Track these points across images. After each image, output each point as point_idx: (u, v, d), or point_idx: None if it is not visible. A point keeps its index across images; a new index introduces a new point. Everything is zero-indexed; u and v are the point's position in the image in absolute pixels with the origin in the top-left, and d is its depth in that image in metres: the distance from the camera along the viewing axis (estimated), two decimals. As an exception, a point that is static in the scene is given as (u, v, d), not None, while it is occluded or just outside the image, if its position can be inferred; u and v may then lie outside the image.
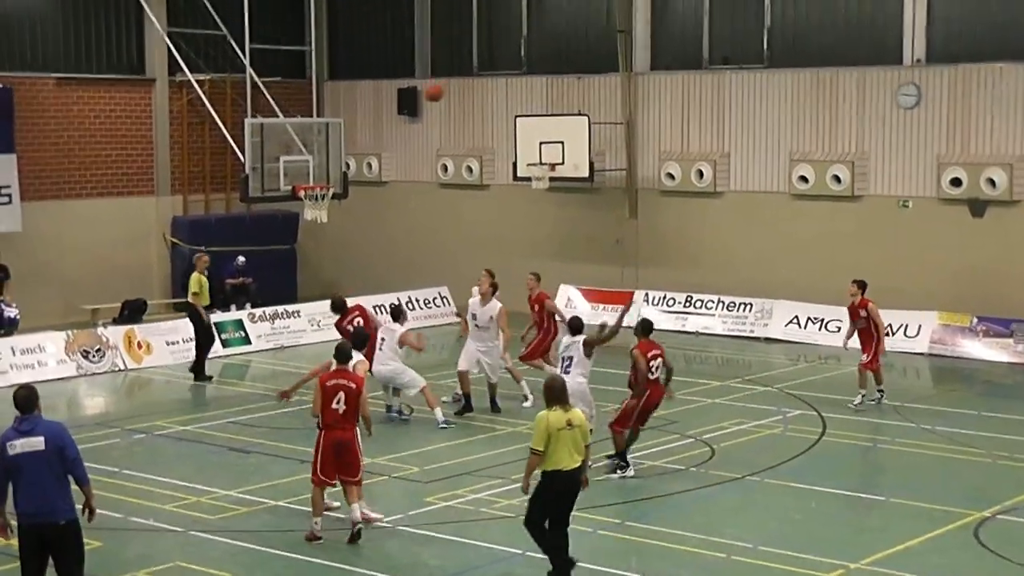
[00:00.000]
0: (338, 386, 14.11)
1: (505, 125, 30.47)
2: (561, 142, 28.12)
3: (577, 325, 17.29)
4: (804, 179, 27.22)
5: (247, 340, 26.35)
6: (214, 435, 19.33)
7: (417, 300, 29.23)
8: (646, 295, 28.54)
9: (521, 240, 30.33)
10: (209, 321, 23.79)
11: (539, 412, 12.68)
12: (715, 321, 27.79)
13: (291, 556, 13.79)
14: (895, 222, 26.41)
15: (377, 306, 25.18)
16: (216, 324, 25.06)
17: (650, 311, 26.38)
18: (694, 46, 29.29)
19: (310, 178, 27.10)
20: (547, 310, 21.16)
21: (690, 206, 28.79)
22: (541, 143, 28.29)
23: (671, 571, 13.50)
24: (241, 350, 25.97)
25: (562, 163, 28.13)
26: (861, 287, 20.66)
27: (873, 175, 26.66)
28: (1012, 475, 16.91)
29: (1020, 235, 25.09)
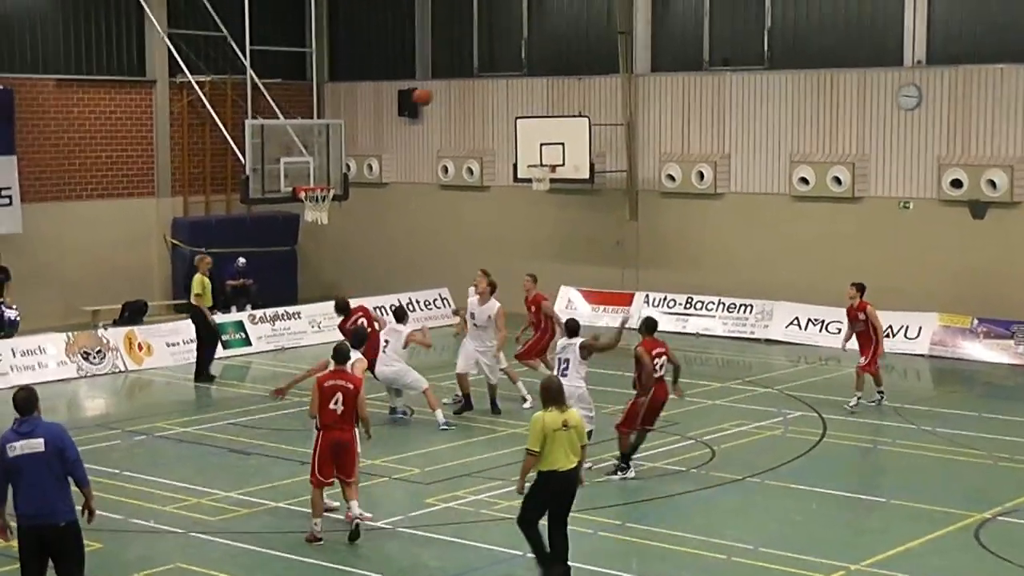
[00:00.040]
0: (336, 386, 14.11)
1: (505, 126, 30.46)
2: (561, 143, 28.11)
3: (574, 327, 17.24)
4: (805, 180, 27.20)
5: (247, 342, 26.36)
6: (215, 437, 19.33)
7: (417, 301, 29.21)
8: (646, 296, 28.56)
9: (521, 242, 30.32)
10: (215, 322, 23.80)
11: (535, 413, 12.71)
12: (715, 322, 27.78)
13: (291, 557, 13.79)
14: (896, 223, 26.40)
15: (378, 307, 25.08)
16: (217, 325, 25.02)
17: (651, 313, 26.28)
18: (694, 47, 29.29)
19: (310, 179, 27.12)
20: (543, 312, 21.15)
21: (690, 207, 28.79)
22: (541, 144, 28.28)
23: (672, 572, 13.51)
24: (241, 351, 25.96)
25: (562, 164, 28.11)
26: (860, 290, 20.65)
27: (874, 176, 26.64)
28: (1013, 476, 16.90)
29: (1021, 236, 25.08)
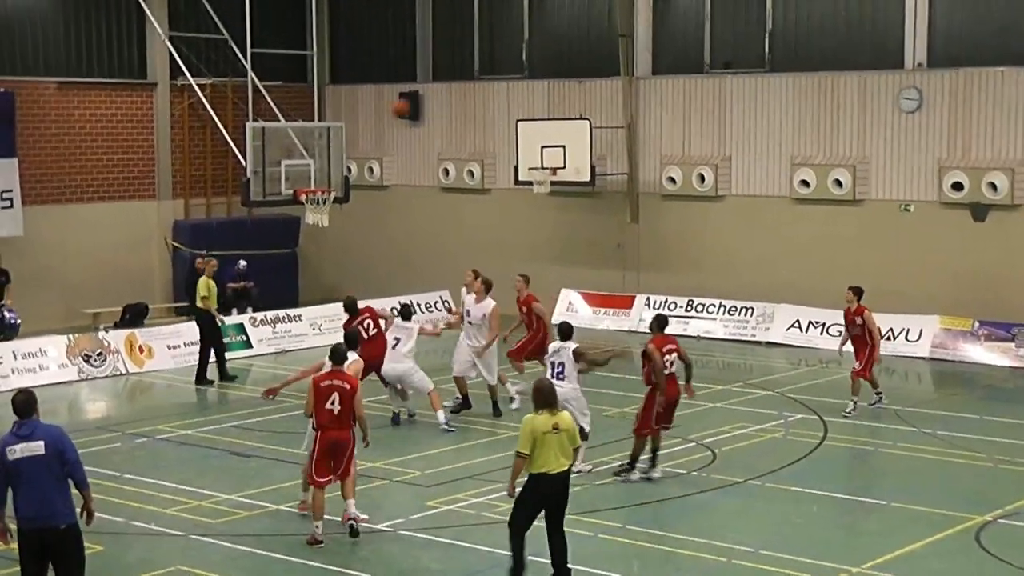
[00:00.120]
0: (332, 387, 14.12)
1: (506, 129, 30.46)
2: (562, 146, 28.11)
3: (567, 330, 17.12)
4: (805, 183, 27.20)
5: (248, 344, 26.36)
6: (215, 439, 19.33)
7: (418, 304, 29.18)
8: (647, 299, 28.56)
9: (522, 244, 30.31)
10: (224, 324, 23.79)
11: (526, 415, 12.73)
12: (716, 325, 27.76)
13: (292, 560, 13.79)
14: (896, 226, 26.39)
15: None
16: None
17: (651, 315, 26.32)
18: (695, 50, 29.29)
19: (311, 182, 27.13)
20: (535, 312, 21.12)
21: (691, 210, 28.78)
22: (542, 147, 28.28)
23: (672, 575, 13.50)
24: (242, 354, 25.94)
25: (563, 167, 28.12)
26: (857, 294, 20.58)
27: (874, 179, 26.64)
28: (1013, 479, 16.89)
29: (1021, 239, 25.08)
